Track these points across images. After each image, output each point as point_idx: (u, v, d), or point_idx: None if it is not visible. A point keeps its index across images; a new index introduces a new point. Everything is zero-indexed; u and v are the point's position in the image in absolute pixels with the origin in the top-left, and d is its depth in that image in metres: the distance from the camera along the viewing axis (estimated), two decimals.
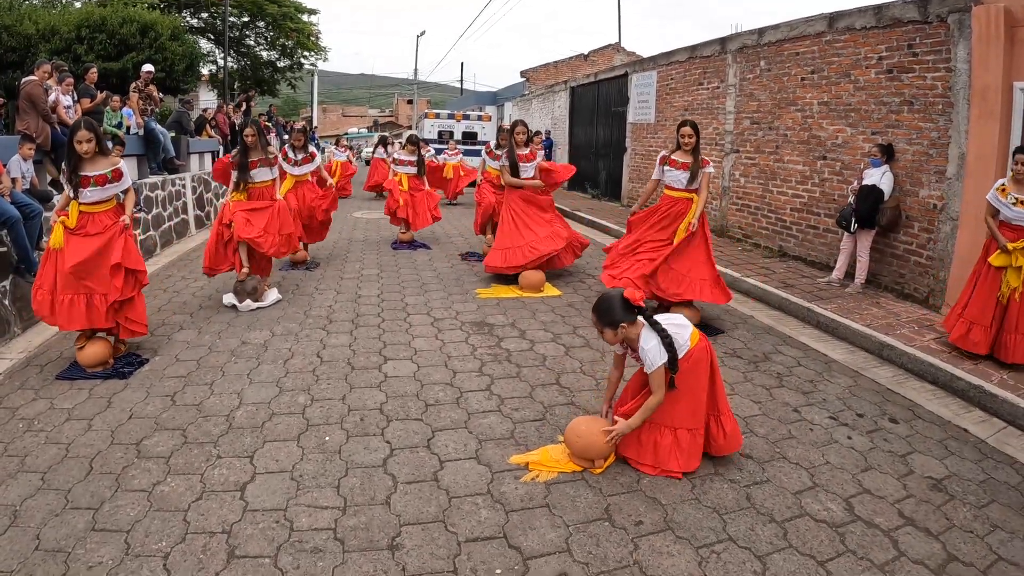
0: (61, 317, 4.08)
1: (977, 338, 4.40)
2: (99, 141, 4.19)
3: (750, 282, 6.52)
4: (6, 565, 2.32)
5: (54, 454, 3.12)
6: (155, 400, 3.74)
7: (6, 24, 13.43)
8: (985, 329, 4.36)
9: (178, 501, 2.73)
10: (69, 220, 4.11)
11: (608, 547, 2.46)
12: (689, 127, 4.98)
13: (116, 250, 4.15)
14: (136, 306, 4.31)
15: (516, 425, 3.47)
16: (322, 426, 3.42)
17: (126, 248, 4.21)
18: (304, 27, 23.70)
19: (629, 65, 13.20)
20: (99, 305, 4.13)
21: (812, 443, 3.36)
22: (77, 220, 4.13)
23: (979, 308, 4.40)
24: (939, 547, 2.56)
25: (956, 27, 5.48)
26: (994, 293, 4.36)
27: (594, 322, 2.98)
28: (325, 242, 8.61)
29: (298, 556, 2.38)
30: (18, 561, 2.35)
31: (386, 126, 39.88)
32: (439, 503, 2.73)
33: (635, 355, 2.95)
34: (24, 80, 7.38)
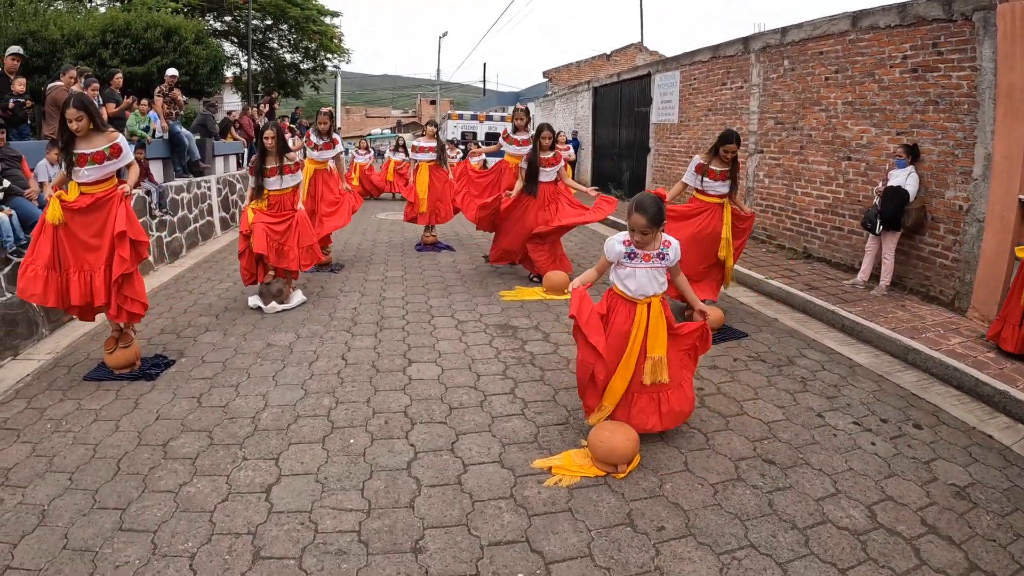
0: (53, 294, 3.94)
1: (1006, 335, 4.48)
2: (92, 117, 3.97)
3: (774, 284, 6.46)
4: (34, 564, 2.40)
5: (82, 454, 3.21)
6: (181, 401, 3.82)
7: (32, 29, 13.71)
8: (1014, 327, 4.41)
9: (204, 502, 2.79)
10: (68, 195, 3.96)
11: (630, 552, 2.47)
12: (735, 144, 4.94)
13: (120, 219, 3.97)
14: (135, 283, 4.14)
15: (540, 429, 3.49)
16: (347, 429, 3.48)
17: (128, 217, 4.03)
18: (327, 29, 23.94)
19: (652, 65, 13.14)
20: (99, 283, 3.99)
21: (835, 449, 3.34)
22: (76, 200, 3.97)
23: (1012, 306, 4.47)
24: (961, 556, 2.54)
25: (981, 25, 5.38)
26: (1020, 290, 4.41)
27: (641, 223, 2.98)
28: (349, 244, 8.69)
29: (322, 558, 2.43)
30: (46, 560, 2.42)
31: (409, 127, 40.10)
32: (462, 506, 2.76)
33: (646, 255, 3.10)
34: (50, 86, 7.58)
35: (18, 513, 2.71)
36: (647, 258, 3.09)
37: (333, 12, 24.36)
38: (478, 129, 18.64)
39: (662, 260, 3.12)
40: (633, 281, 3.11)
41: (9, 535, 2.56)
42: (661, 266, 3.13)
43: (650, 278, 3.10)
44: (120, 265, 3.97)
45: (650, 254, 3.09)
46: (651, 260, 3.10)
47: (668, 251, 3.12)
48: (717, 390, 4.05)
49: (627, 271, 3.13)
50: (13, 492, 2.87)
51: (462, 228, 10.59)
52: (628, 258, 3.11)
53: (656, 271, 3.11)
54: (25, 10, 14.81)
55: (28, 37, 13.50)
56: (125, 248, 3.97)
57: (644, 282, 3.10)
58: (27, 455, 3.20)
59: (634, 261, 3.10)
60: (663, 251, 3.11)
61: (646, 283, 3.10)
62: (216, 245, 9.22)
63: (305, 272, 7.07)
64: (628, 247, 3.10)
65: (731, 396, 3.96)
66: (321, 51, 24.70)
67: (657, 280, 3.12)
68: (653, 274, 3.11)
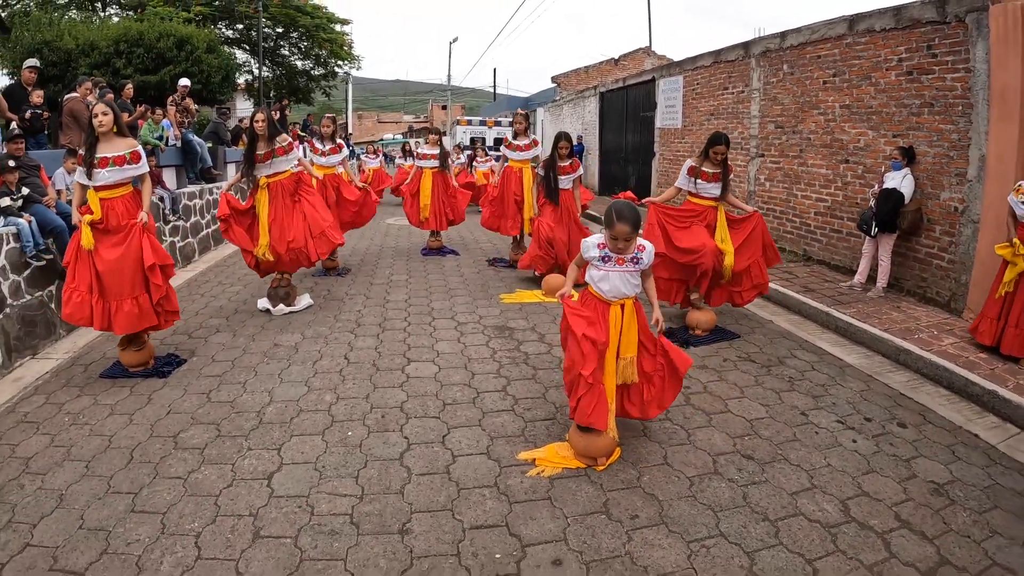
0: (117, 324, 4.22)
1: (983, 328, 4.69)
2: (117, 120, 4.26)
3: (771, 286, 6.53)
4: (52, 542, 2.60)
5: (97, 445, 3.41)
6: (192, 397, 4.02)
7: (47, 39, 14.04)
8: (991, 321, 4.63)
9: (211, 487, 2.98)
10: (95, 214, 4.18)
11: (603, 538, 2.61)
12: (723, 146, 5.00)
13: (147, 254, 4.24)
14: (170, 296, 4.50)
15: (527, 424, 3.63)
16: (346, 422, 3.65)
17: (154, 248, 4.32)
18: (337, 37, 24.25)
19: (656, 70, 13.25)
20: (145, 305, 4.29)
21: (816, 446, 3.44)
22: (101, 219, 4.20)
23: (989, 301, 4.69)
24: (933, 550, 2.60)
25: (974, 27, 5.45)
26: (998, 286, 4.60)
27: (625, 231, 3.05)
28: (357, 249, 8.89)
29: (316, 537, 2.61)
30: (63, 538, 2.62)
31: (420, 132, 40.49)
32: (449, 493, 2.92)
33: (620, 259, 3.15)
34: (66, 97, 7.84)
35: (37, 497, 2.92)
36: (620, 262, 3.16)
37: (343, 20, 24.68)
38: (487, 135, 18.85)
39: (636, 264, 3.19)
40: (607, 283, 3.18)
41: (29, 516, 2.77)
42: (635, 269, 3.19)
43: (623, 280, 3.17)
44: (157, 292, 4.35)
45: (624, 258, 3.16)
46: (624, 264, 3.16)
47: (642, 255, 3.19)
48: (704, 388, 4.17)
49: (601, 273, 3.19)
50: (33, 478, 3.08)
51: (467, 233, 10.76)
52: (602, 261, 3.17)
53: (629, 274, 3.18)
54: (40, 20, 15.18)
55: (43, 47, 13.81)
56: (157, 276, 4.31)
57: (618, 284, 3.17)
58: (46, 445, 3.42)
59: (608, 264, 3.17)
60: (637, 255, 3.18)
61: (620, 285, 3.17)
62: (227, 250, 9.43)
63: (312, 276, 7.30)
64: (603, 250, 3.17)
65: (716, 395, 4.08)
66: (332, 58, 25.01)
67: (630, 283, 3.19)
68: (626, 277, 3.17)
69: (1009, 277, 4.47)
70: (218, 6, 21.46)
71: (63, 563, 2.48)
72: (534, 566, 2.45)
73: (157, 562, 2.47)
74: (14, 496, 2.93)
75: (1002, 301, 4.54)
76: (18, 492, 2.97)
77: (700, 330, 5.20)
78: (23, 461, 3.26)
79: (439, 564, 2.45)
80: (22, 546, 2.58)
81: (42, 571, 2.44)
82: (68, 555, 2.53)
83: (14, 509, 2.83)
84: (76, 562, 2.49)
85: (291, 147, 5.70)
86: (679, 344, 4.98)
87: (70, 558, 2.51)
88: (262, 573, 2.40)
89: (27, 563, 2.48)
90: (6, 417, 3.81)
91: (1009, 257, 4.47)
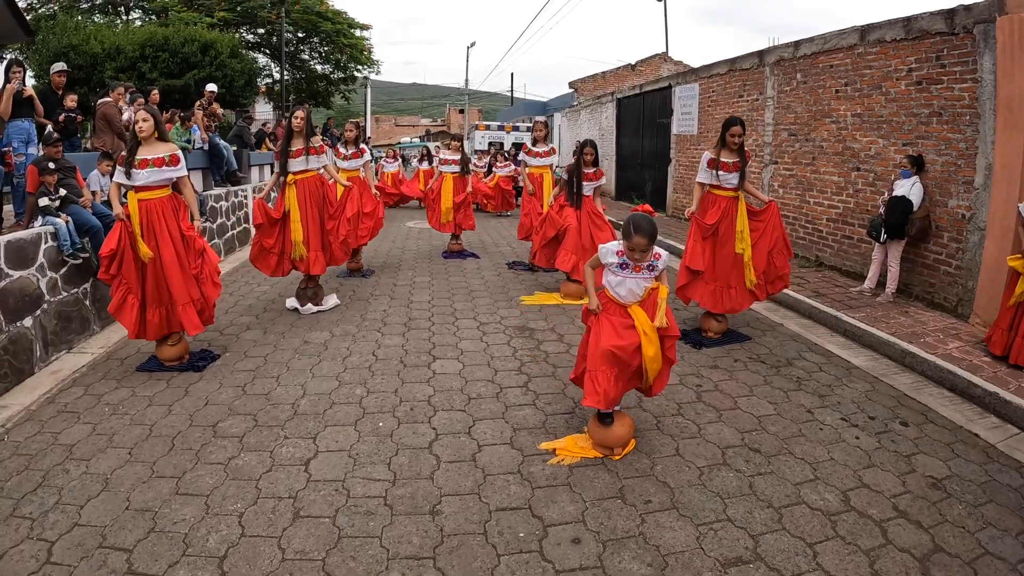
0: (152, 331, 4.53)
1: (996, 338, 4.73)
2: (159, 125, 4.49)
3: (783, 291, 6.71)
4: (100, 521, 2.81)
5: (139, 433, 3.63)
6: (228, 390, 4.26)
7: (73, 43, 14.43)
8: (1003, 331, 4.66)
9: (251, 472, 3.21)
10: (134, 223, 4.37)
11: (618, 520, 2.82)
12: (740, 126, 5.02)
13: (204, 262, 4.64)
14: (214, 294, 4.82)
15: (548, 417, 3.85)
16: (376, 414, 3.88)
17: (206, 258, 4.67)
18: (357, 42, 24.63)
19: (673, 77, 13.43)
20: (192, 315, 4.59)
21: (820, 441, 3.62)
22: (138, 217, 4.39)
23: (1002, 311, 4.70)
24: (928, 539, 2.75)
25: (981, 38, 5.60)
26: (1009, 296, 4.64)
27: (643, 244, 3.20)
28: (380, 251, 9.14)
29: (353, 517, 2.83)
30: (111, 518, 2.83)
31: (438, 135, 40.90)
32: (475, 479, 3.15)
33: (637, 267, 3.28)
34: (100, 101, 8.13)
35: (83, 481, 3.13)
36: (638, 269, 3.30)
37: (363, 25, 25.10)
38: (505, 139, 19.11)
39: (652, 271, 3.33)
40: (623, 288, 3.33)
41: (76, 499, 2.97)
42: (650, 276, 3.34)
43: (638, 285, 3.33)
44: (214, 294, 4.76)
45: (641, 266, 3.30)
46: (641, 271, 3.31)
47: (658, 263, 3.33)
48: (715, 387, 4.36)
49: (618, 279, 3.34)
50: (77, 464, 3.30)
51: (487, 236, 11.01)
52: (620, 268, 3.32)
53: (645, 280, 3.34)
54: (66, 24, 15.59)
55: (70, 51, 14.15)
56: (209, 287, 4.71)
57: (633, 288, 3.33)
58: (88, 434, 3.64)
59: (625, 271, 3.32)
60: (653, 263, 3.32)
61: (635, 289, 3.33)
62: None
63: (338, 277, 7.57)
64: (621, 258, 3.30)
65: (727, 393, 4.26)
66: (351, 62, 25.41)
67: (644, 286, 3.35)
68: (641, 282, 3.33)
69: (1022, 288, 4.51)
70: (241, 11, 21.92)
71: (111, 541, 2.66)
72: (555, 544, 2.66)
73: (203, 539, 2.68)
74: (60, 480, 3.13)
75: (1013, 311, 4.59)
76: (64, 476, 3.16)
77: (712, 332, 5.37)
78: (66, 448, 3.46)
79: (468, 541, 2.68)
80: (71, 526, 2.77)
81: (91, 548, 2.61)
82: (116, 533, 2.71)
83: (61, 492, 3.01)
84: (124, 540, 2.67)
85: (322, 149, 5.93)
86: (692, 345, 5.18)
87: (118, 536, 2.69)
88: (303, 548, 2.62)
89: (76, 541, 2.66)
90: (47, 407, 4.04)
91: (1021, 269, 4.52)
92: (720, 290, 5.22)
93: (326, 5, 23.52)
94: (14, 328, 4.45)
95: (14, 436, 3.62)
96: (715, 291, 5.21)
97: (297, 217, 5.78)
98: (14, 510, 2.88)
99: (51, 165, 5.46)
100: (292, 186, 5.80)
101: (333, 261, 6.14)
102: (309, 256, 5.85)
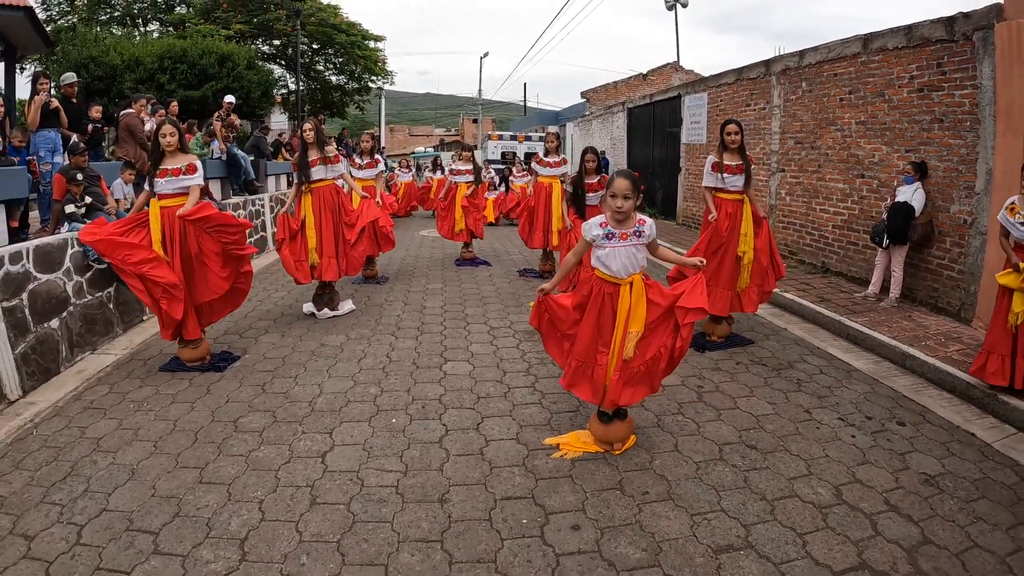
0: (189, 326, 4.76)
1: (994, 367, 4.15)
2: (181, 138, 4.77)
3: (787, 296, 6.81)
4: (127, 507, 3.00)
5: (163, 428, 3.84)
6: (248, 388, 4.46)
7: (93, 55, 14.80)
8: (1003, 358, 4.11)
9: (270, 463, 3.40)
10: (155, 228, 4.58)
11: (616, 509, 2.98)
12: (735, 124, 5.10)
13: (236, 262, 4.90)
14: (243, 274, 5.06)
15: (553, 415, 4.01)
16: (390, 411, 4.07)
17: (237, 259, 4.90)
18: (371, 53, 25.00)
19: (682, 87, 13.59)
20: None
21: (816, 439, 3.73)
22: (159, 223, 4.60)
23: (996, 335, 4.16)
24: (917, 531, 2.84)
25: (981, 44, 5.70)
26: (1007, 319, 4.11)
27: (628, 189, 3.24)
28: (394, 258, 9.37)
29: (367, 504, 3.01)
30: (137, 504, 3.02)
31: (452, 145, 41.27)
32: (482, 471, 3.32)
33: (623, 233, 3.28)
34: (123, 113, 8.44)
35: (110, 471, 3.33)
36: (624, 236, 3.27)
37: (377, 36, 25.46)
38: (518, 149, 19.33)
39: (639, 237, 3.31)
40: (615, 261, 3.28)
41: (104, 487, 3.17)
42: (639, 243, 3.31)
43: (630, 256, 3.28)
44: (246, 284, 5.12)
45: (627, 232, 3.28)
46: (628, 239, 3.28)
47: (644, 228, 3.31)
48: (716, 388, 4.49)
49: (607, 251, 3.29)
50: (104, 455, 3.50)
51: (499, 244, 11.21)
52: (606, 239, 3.28)
53: (635, 248, 3.30)
54: (86, 36, 16.01)
55: (90, 62, 14.52)
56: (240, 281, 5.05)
57: (626, 261, 3.27)
58: (114, 428, 3.85)
59: (612, 241, 3.27)
60: (639, 229, 3.30)
61: (627, 262, 3.28)
62: (269, 258, 9.98)
63: (353, 283, 7.79)
64: (605, 228, 3.29)
65: (727, 393, 4.39)
66: (366, 73, 25.78)
67: (636, 257, 3.31)
68: (632, 252, 3.28)
69: (1019, 308, 3.99)
70: (257, 24, 22.37)
71: (138, 524, 2.84)
72: (556, 529, 2.82)
73: (226, 523, 2.87)
74: (88, 470, 3.32)
75: (1011, 335, 4.05)
76: (91, 467, 3.35)
77: (716, 336, 5.50)
78: (93, 441, 3.67)
79: (474, 527, 2.84)
80: (99, 511, 2.95)
81: (119, 531, 2.78)
82: (143, 518, 2.89)
83: (89, 481, 3.20)
84: (151, 523, 2.85)
85: (337, 159, 6.16)
86: (695, 348, 5.30)
87: (145, 520, 2.87)
88: (320, 532, 2.80)
89: (104, 524, 2.84)
90: (73, 403, 4.25)
91: (1016, 285, 4.00)
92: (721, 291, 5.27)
93: (341, 17, 23.92)
94: (42, 329, 4.69)
95: (42, 430, 3.84)
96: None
97: (312, 224, 5.99)
98: (44, 497, 3.08)
99: (78, 175, 5.71)
100: (308, 194, 6.02)
101: (349, 270, 6.31)
102: (322, 263, 6.05)
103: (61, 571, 2.55)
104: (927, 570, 2.59)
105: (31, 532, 2.80)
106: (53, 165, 6.64)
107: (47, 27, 16.10)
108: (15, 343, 4.36)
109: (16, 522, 2.87)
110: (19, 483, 3.21)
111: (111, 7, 21.72)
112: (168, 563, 2.59)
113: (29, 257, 4.64)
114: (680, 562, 2.62)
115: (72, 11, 21.07)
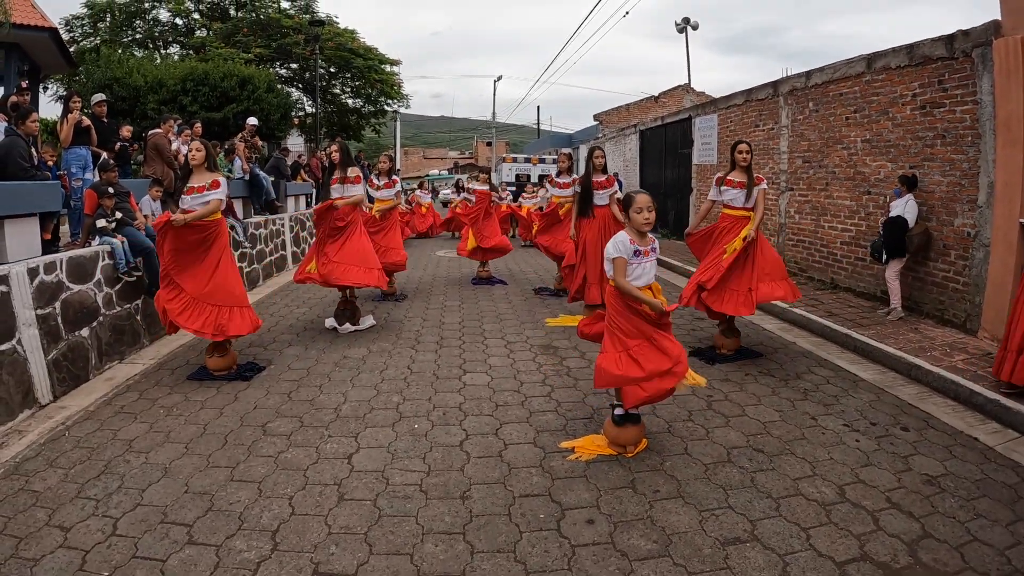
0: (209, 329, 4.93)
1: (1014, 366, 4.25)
2: (209, 156, 4.99)
3: (796, 311, 6.94)
4: (161, 502, 3.18)
5: (193, 431, 4.04)
6: (274, 396, 4.67)
7: (117, 76, 15.29)
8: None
9: (299, 464, 3.59)
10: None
11: (628, 505, 3.14)
12: (746, 144, 5.35)
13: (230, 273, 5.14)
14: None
15: (568, 421, 4.19)
16: (412, 418, 4.27)
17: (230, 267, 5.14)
18: (388, 77, 25.57)
19: (692, 109, 13.85)
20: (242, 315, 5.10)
21: (821, 443, 3.86)
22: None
23: (1018, 337, 4.24)
24: (918, 527, 2.95)
25: (980, 61, 5.87)
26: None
27: (651, 202, 3.52)
28: (412, 277, 9.64)
29: (392, 500, 3.20)
30: (171, 499, 3.21)
31: (466, 167, 41.87)
32: (501, 471, 3.50)
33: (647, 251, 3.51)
34: (151, 132, 8.81)
35: (144, 470, 3.52)
36: (647, 254, 3.53)
37: (393, 60, 26.08)
38: (531, 171, 19.68)
39: (655, 253, 3.61)
40: (643, 276, 3.52)
41: (138, 484, 3.36)
42: (654, 257, 3.61)
43: (652, 268, 3.57)
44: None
45: (648, 249, 3.53)
46: (650, 255, 3.55)
47: (656, 245, 3.64)
48: (725, 397, 4.64)
49: (635, 268, 3.49)
50: (137, 455, 3.70)
51: (514, 264, 11.46)
52: (636, 256, 3.47)
53: (654, 262, 3.59)
54: (110, 58, 16.54)
55: (113, 83, 15.00)
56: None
57: (650, 276, 3.56)
58: (146, 431, 4.05)
59: (639, 258, 3.48)
60: (654, 245, 3.62)
61: (652, 274, 3.57)
62: (289, 276, 10.22)
63: (373, 300, 8.02)
64: (633, 246, 3.47)
65: (736, 402, 4.54)
66: (381, 96, 26.34)
67: (654, 269, 3.60)
68: (653, 265, 3.58)
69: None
70: (276, 47, 23.00)
71: (172, 517, 3.01)
72: (571, 524, 2.99)
73: (257, 516, 3.05)
74: (122, 468, 3.50)
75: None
76: (125, 466, 3.54)
77: (726, 350, 5.64)
78: (126, 442, 3.86)
79: (494, 521, 3.02)
80: (133, 505, 3.13)
81: (153, 523, 2.95)
82: (177, 511, 3.06)
83: (123, 478, 3.39)
84: (185, 517, 3.01)
85: (358, 179, 6.48)
86: (705, 361, 5.46)
87: (179, 514, 3.04)
88: (348, 525, 2.98)
89: (139, 517, 3.01)
90: (104, 408, 4.47)
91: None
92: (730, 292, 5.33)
93: (358, 42, 24.55)
94: (73, 337, 4.94)
95: (75, 432, 4.06)
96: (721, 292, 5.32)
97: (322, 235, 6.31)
98: (79, 492, 3.27)
99: (109, 190, 5.98)
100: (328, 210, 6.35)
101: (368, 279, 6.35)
102: (339, 269, 6.24)
103: (98, 558, 2.72)
104: (927, 561, 2.71)
105: (67, 524, 2.98)
106: (84, 181, 6.93)
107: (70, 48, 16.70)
108: (47, 349, 4.60)
109: (52, 515, 3.06)
110: (54, 479, 3.41)
111: (133, 29, 22.46)
112: (203, 552, 2.77)
113: (62, 268, 4.88)
114: (689, 552, 2.77)
115: (95, 33, 21.81)
